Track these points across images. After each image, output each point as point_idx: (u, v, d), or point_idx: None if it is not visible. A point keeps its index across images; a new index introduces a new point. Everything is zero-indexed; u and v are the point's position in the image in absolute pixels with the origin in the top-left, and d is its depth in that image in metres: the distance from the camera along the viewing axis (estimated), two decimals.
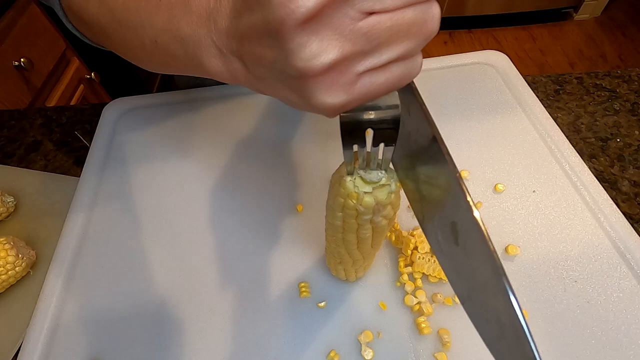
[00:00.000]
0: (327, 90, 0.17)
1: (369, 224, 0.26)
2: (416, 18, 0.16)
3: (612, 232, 0.39)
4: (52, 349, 0.35)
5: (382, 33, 0.16)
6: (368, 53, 0.17)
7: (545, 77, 0.54)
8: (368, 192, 0.24)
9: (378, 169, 0.24)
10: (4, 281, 0.39)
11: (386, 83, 0.18)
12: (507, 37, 1.97)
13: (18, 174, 0.49)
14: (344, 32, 0.15)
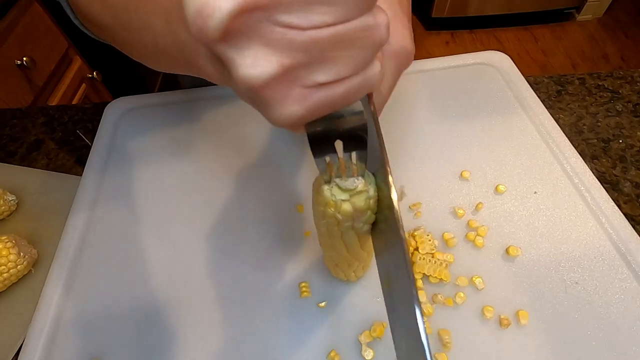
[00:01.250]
0: (280, 104, 0.17)
1: (351, 230, 0.26)
2: (359, 28, 0.16)
3: (614, 233, 0.38)
4: (53, 348, 0.36)
5: (322, 45, 0.15)
6: (314, 66, 0.16)
7: (547, 78, 0.54)
8: (345, 199, 0.24)
9: (354, 175, 0.24)
10: (6, 279, 0.39)
11: (345, 94, 0.18)
12: (509, 37, 1.97)
13: (20, 173, 0.50)
14: (278, 45, 0.15)
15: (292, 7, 0.14)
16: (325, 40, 0.15)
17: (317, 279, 0.38)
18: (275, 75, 0.15)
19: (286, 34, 0.15)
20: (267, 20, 0.14)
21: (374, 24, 0.16)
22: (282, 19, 0.14)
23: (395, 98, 0.51)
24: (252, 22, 0.14)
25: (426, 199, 0.42)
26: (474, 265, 0.38)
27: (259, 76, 0.15)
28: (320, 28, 0.15)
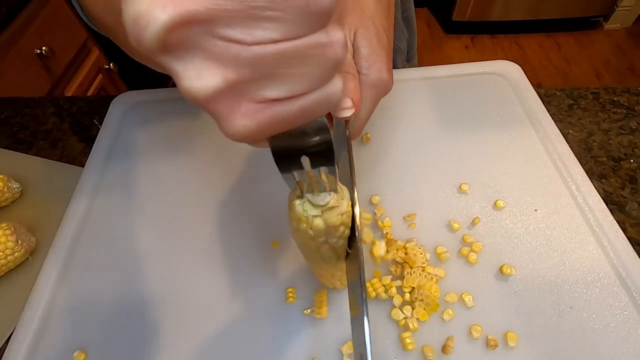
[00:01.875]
0: (229, 118, 0.16)
1: (326, 244, 0.25)
2: (310, 46, 0.15)
3: (615, 258, 0.37)
4: (42, 336, 0.36)
5: (268, 61, 0.15)
6: (263, 81, 0.16)
7: (560, 91, 0.52)
8: (317, 215, 0.23)
9: (326, 190, 0.23)
10: (3, 265, 0.40)
11: (301, 111, 0.17)
12: (531, 44, 1.91)
13: (26, 161, 0.51)
14: (222, 59, 0.14)
15: (233, 21, 0.14)
16: (272, 56, 0.15)
17: (305, 285, 0.38)
18: (220, 89, 0.15)
19: (230, 49, 0.14)
20: (209, 34, 0.14)
21: (327, 42, 0.15)
22: (224, 33, 0.14)
23: (398, 104, 0.51)
24: (193, 35, 0.14)
25: (422, 211, 0.41)
26: (465, 281, 0.37)
27: (203, 89, 0.15)
28: (265, 44, 0.14)
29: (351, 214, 0.24)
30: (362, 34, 0.31)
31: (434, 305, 0.35)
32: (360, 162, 0.46)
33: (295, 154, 0.20)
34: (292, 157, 0.21)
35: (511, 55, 1.89)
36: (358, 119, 0.32)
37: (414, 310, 0.35)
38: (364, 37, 0.31)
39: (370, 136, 0.48)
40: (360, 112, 0.31)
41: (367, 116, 0.32)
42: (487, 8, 1.88)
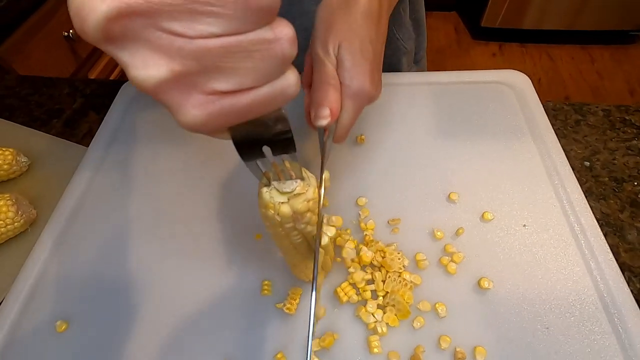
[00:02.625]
0: (180, 108, 0.17)
1: (294, 231, 0.26)
2: (255, 41, 0.15)
3: (602, 282, 0.36)
4: (31, 304, 0.38)
5: (213, 55, 0.15)
6: (211, 74, 0.16)
7: (568, 105, 0.51)
8: (284, 202, 0.24)
9: (292, 178, 0.24)
10: (3, 234, 0.42)
11: (253, 104, 0.17)
12: (563, 55, 1.84)
13: (37, 137, 0.54)
14: (167, 51, 0.15)
15: (175, 15, 0.14)
16: (216, 50, 0.15)
17: (282, 280, 0.38)
18: (166, 80, 0.16)
19: (174, 41, 0.15)
20: (152, 26, 0.14)
21: (272, 38, 0.16)
22: (166, 26, 0.14)
23: (398, 107, 0.50)
24: (136, 27, 0.14)
25: (407, 216, 0.41)
26: (441, 291, 0.36)
27: (149, 79, 0.15)
28: (208, 38, 0.15)
29: (317, 201, 0.25)
30: (346, 47, 0.32)
31: (405, 311, 0.34)
32: (351, 163, 0.46)
33: (256, 144, 0.21)
34: (253, 147, 0.21)
35: (540, 66, 1.83)
36: (340, 126, 0.33)
37: (385, 315, 0.35)
38: (348, 50, 0.32)
39: (365, 137, 0.48)
40: (342, 119, 0.33)
41: (349, 123, 0.33)
42: (520, 16, 1.82)
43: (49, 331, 0.37)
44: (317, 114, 0.31)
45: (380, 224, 0.41)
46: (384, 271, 0.37)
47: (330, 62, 0.32)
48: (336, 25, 0.33)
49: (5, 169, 0.48)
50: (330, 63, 0.32)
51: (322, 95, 0.31)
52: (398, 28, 0.52)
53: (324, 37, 0.33)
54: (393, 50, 0.54)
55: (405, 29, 0.53)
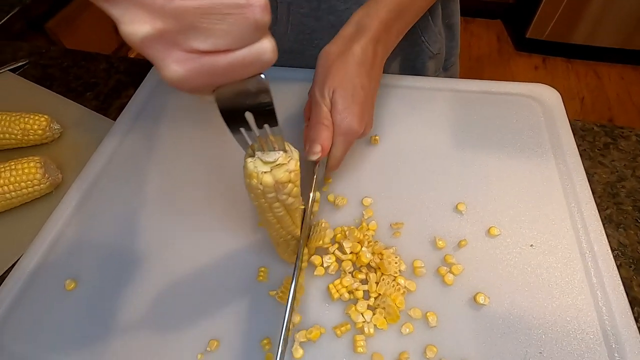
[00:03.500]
0: (162, 62, 0.19)
1: (277, 202, 0.27)
2: (228, 5, 0.17)
3: (606, 313, 0.34)
4: (45, 263, 0.41)
5: (190, 15, 0.17)
6: (189, 33, 0.18)
7: (599, 127, 0.48)
8: (266, 171, 0.26)
9: (274, 149, 0.26)
10: (30, 193, 0.45)
11: (230, 66, 0.19)
12: (612, 74, 1.74)
13: (71, 107, 0.57)
14: (151, 9, 0.17)
15: None
16: (192, 10, 0.17)
17: (278, 268, 0.39)
18: (151, 35, 0.18)
19: (156, 1, 0.17)
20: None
21: (245, 4, 0.17)
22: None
23: (418, 112, 0.49)
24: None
25: (411, 221, 0.41)
26: (435, 301, 0.36)
27: (135, 34, 0.18)
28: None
29: (299, 173, 0.27)
30: (340, 92, 0.37)
31: (395, 315, 0.34)
32: (362, 162, 0.46)
33: (239, 112, 0.23)
34: (237, 115, 0.23)
35: (586, 84, 1.73)
36: (332, 158, 0.39)
37: (374, 317, 0.35)
38: (341, 95, 0.37)
39: (380, 138, 0.47)
40: (333, 152, 0.39)
41: (340, 156, 0.39)
42: (571, 30, 1.73)
43: (58, 288, 0.39)
44: (310, 149, 0.37)
45: (383, 226, 0.41)
46: (379, 273, 0.37)
47: (325, 105, 0.38)
48: (333, 72, 0.38)
49: (39, 134, 0.51)
50: (325, 105, 0.38)
51: (316, 134, 0.37)
52: (424, 30, 0.51)
53: (322, 82, 0.38)
54: (417, 53, 0.53)
55: (433, 32, 0.52)
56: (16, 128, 0.50)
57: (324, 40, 0.40)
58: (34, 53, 0.66)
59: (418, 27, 0.50)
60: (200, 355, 0.34)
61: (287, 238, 0.33)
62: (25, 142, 0.51)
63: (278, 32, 0.52)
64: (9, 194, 0.44)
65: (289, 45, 0.53)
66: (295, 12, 0.49)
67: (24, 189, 0.44)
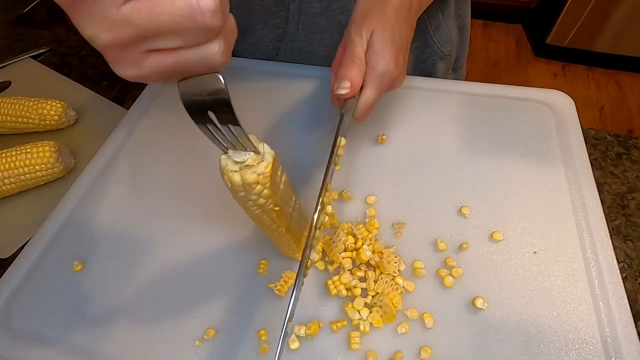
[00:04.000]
0: (118, 63, 0.20)
1: (249, 201, 0.28)
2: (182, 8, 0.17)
3: (608, 327, 0.33)
4: (54, 244, 0.42)
5: (142, 20, 0.18)
6: (144, 36, 0.18)
7: (612, 136, 0.47)
8: (235, 170, 0.26)
9: (246, 150, 0.26)
10: (43, 177, 0.47)
11: (177, 65, 0.20)
12: (634, 85, 1.69)
13: (87, 95, 0.58)
14: (110, 16, 0.18)
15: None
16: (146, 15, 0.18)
17: (278, 261, 0.39)
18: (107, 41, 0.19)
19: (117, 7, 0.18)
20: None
21: (196, 8, 0.18)
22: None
23: (427, 113, 0.49)
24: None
25: (413, 222, 0.41)
26: (433, 302, 0.36)
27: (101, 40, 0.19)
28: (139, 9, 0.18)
29: (269, 177, 0.27)
30: (378, 33, 0.36)
31: (391, 315, 0.34)
32: (368, 160, 0.46)
33: (201, 110, 0.23)
34: (199, 112, 0.23)
35: (606, 93, 1.69)
36: (362, 102, 0.37)
37: (370, 315, 0.35)
38: (380, 37, 0.36)
39: (387, 138, 0.47)
40: (364, 96, 0.37)
41: (371, 101, 0.38)
42: (592, 37, 1.68)
43: (65, 269, 0.40)
44: (339, 84, 0.36)
45: (385, 225, 0.41)
46: (378, 272, 0.37)
47: (361, 45, 0.37)
48: (372, 14, 0.37)
49: (55, 119, 0.52)
50: (361, 46, 0.37)
51: (347, 70, 0.36)
52: (435, 30, 0.51)
53: (359, 23, 0.37)
54: (428, 54, 0.53)
55: (444, 33, 0.52)
56: (34, 113, 0.52)
57: (335, 40, 0.40)
58: (55, 41, 0.68)
59: (430, 27, 0.50)
60: (198, 341, 0.35)
61: (276, 233, 0.33)
62: (41, 127, 0.53)
63: (289, 31, 0.52)
64: (23, 176, 0.46)
65: (300, 44, 0.53)
66: (307, 12, 0.49)
67: (38, 172, 0.46)
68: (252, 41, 0.56)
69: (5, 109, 0.52)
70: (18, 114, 0.51)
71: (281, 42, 0.54)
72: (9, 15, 0.76)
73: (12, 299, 0.39)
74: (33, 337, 0.37)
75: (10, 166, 0.45)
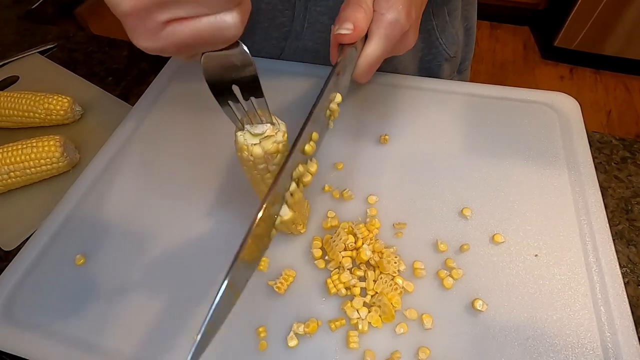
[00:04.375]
0: (137, 34, 0.21)
1: (268, 172, 0.29)
2: None
3: (609, 332, 0.33)
4: (57, 239, 0.43)
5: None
6: (165, 5, 0.19)
7: (618, 140, 0.47)
8: (256, 143, 0.27)
9: (262, 122, 0.27)
10: (48, 171, 0.47)
11: (193, 35, 0.21)
12: None
13: (92, 91, 0.59)
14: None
15: None
16: None
17: (279, 259, 0.39)
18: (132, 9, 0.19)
19: None
20: None
21: None
22: None
23: (430, 113, 0.49)
24: None
25: (414, 222, 0.41)
26: (432, 303, 0.36)
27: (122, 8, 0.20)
28: None
29: (287, 144, 0.28)
30: None
31: (390, 315, 0.34)
32: (370, 160, 0.46)
33: (226, 85, 0.24)
34: (224, 89, 0.24)
35: (614, 97, 1.68)
36: (365, 56, 0.33)
37: (369, 314, 0.35)
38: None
39: (389, 138, 0.47)
40: (369, 49, 0.33)
41: (375, 55, 0.33)
42: (602, 40, 1.67)
43: (68, 263, 0.41)
44: (340, 26, 0.31)
45: (386, 225, 0.41)
46: (378, 271, 0.37)
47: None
48: None
49: (61, 114, 0.53)
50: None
51: (350, 13, 0.31)
52: (441, 32, 0.51)
53: None
54: (434, 55, 0.53)
55: (450, 35, 0.52)
56: (40, 107, 0.52)
57: None
58: (62, 37, 0.69)
59: (436, 29, 0.50)
60: (197, 335, 0.35)
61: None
62: (47, 122, 0.53)
63: (294, 29, 0.52)
64: (29, 170, 0.46)
65: (305, 43, 0.53)
66: (312, 10, 0.49)
67: (43, 166, 0.46)
68: (257, 39, 0.56)
69: (12, 103, 0.52)
70: (24, 108, 0.52)
71: (286, 41, 0.54)
72: (17, 11, 0.77)
73: (15, 291, 0.39)
74: (35, 329, 0.37)
75: (16, 160, 0.46)
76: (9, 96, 0.53)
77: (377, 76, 0.53)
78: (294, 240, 0.41)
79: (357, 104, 0.51)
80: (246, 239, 0.24)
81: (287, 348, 0.34)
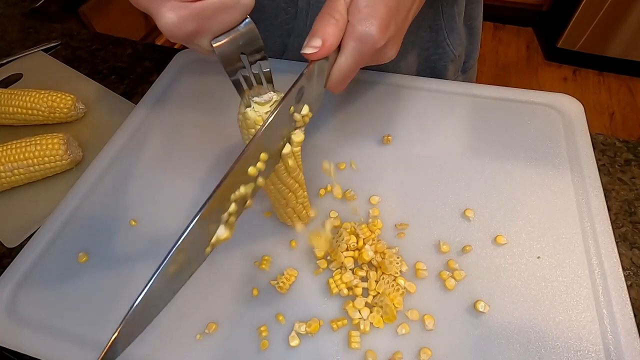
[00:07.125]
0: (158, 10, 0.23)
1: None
2: None
3: (611, 335, 0.33)
4: (60, 236, 0.43)
5: None
6: None
7: (621, 142, 0.47)
8: (268, 111, 0.28)
9: (266, 91, 0.29)
10: (51, 168, 0.48)
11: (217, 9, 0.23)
12: None
13: (96, 89, 0.59)
14: None
15: None
16: None
17: (281, 258, 0.39)
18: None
19: None
20: None
21: None
22: None
23: (434, 114, 0.49)
24: None
25: (416, 223, 0.40)
26: (434, 304, 0.36)
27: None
28: None
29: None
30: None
31: (391, 315, 0.34)
32: (372, 160, 0.46)
33: (234, 52, 0.27)
34: (232, 56, 0.27)
35: (617, 99, 1.67)
36: (336, 69, 0.31)
37: (371, 315, 0.35)
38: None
39: (392, 138, 0.47)
40: (340, 61, 0.31)
41: (347, 68, 0.31)
42: (606, 42, 1.66)
43: (71, 260, 0.41)
44: (307, 42, 0.28)
45: (388, 225, 0.41)
46: (380, 272, 0.37)
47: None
48: None
49: (65, 112, 0.53)
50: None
51: (320, 26, 0.28)
52: (449, 32, 0.50)
53: None
54: (440, 55, 0.52)
55: (457, 35, 0.51)
56: (44, 105, 0.52)
57: None
58: (66, 35, 0.69)
59: (444, 29, 0.50)
60: (199, 335, 0.35)
61: (286, 196, 0.35)
62: (51, 120, 0.54)
63: (297, 27, 0.52)
64: (32, 167, 0.47)
65: None
66: (315, 7, 0.49)
67: (47, 164, 0.47)
68: (261, 37, 0.56)
69: (15, 101, 0.52)
70: (28, 105, 0.52)
71: (289, 39, 0.54)
72: (22, 9, 0.77)
73: (18, 288, 0.40)
74: (38, 326, 0.37)
75: (20, 157, 0.46)
76: (12, 94, 0.53)
77: (380, 76, 0.53)
78: (296, 239, 0.41)
79: (360, 104, 0.51)
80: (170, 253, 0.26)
81: (288, 347, 0.34)
